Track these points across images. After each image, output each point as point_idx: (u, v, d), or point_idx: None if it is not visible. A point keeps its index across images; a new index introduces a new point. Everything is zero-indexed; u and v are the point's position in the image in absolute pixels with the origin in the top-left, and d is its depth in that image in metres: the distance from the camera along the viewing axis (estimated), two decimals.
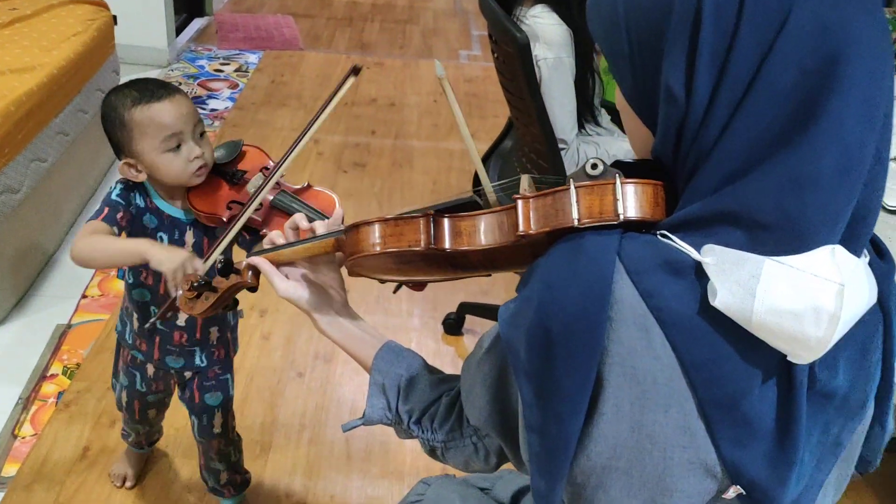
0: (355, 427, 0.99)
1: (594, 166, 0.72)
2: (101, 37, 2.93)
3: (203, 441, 1.65)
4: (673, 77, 0.66)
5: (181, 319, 1.47)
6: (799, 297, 0.63)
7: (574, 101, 1.93)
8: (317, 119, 1.18)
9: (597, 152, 1.97)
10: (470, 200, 0.92)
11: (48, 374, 2.15)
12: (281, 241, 1.02)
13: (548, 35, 1.87)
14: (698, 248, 0.66)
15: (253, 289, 1.09)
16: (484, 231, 0.80)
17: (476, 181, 1.11)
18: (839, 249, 0.64)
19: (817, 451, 0.74)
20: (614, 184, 0.70)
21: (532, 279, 0.72)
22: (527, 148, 1.97)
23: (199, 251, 1.38)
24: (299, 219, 1.01)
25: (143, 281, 1.44)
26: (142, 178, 1.33)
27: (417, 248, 0.83)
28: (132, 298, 1.47)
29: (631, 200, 0.70)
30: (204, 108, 3.75)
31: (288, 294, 1.00)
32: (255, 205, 1.25)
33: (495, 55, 1.89)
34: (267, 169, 1.38)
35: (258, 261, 1.02)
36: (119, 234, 1.34)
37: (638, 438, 0.67)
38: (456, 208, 0.88)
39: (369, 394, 0.98)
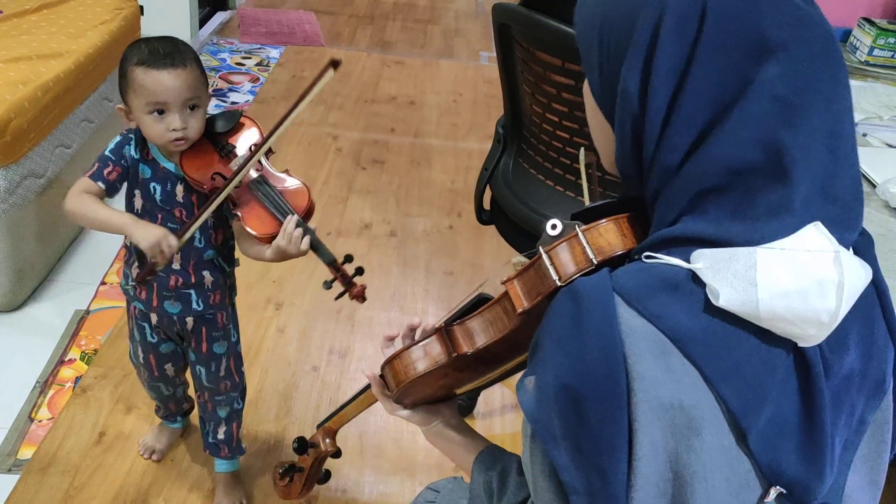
0: None
1: (553, 227, 0.77)
2: (127, 26, 2.95)
3: (210, 386, 1.68)
4: (630, 79, 0.70)
5: (175, 263, 1.50)
6: (799, 274, 0.64)
7: None
8: (295, 108, 1.31)
9: None
10: (477, 300, 0.98)
11: (66, 359, 2.16)
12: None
13: None
14: (693, 245, 0.68)
15: (337, 454, 1.21)
16: (492, 323, 0.86)
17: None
18: (820, 225, 0.66)
19: (844, 433, 0.74)
20: (576, 235, 0.75)
21: (539, 345, 0.72)
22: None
23: (189, 207, 1.46)
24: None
25: None
26: (132, 125, 1.43)
27: (444, 361, 0.91)
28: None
29: (599, 243, 0.74)
30: (225, 101, 3.76)
31: (396, 413, 1.08)
32: (233, 184, 1.37)
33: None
34: (256, 146, 1.44)
35: (371, 375, 1.08)
36: (106, 190, 1.43)
37: (676, 469, 0.66)
38: (464, 313, 0.95)
39: (469, 499, 1.01)
